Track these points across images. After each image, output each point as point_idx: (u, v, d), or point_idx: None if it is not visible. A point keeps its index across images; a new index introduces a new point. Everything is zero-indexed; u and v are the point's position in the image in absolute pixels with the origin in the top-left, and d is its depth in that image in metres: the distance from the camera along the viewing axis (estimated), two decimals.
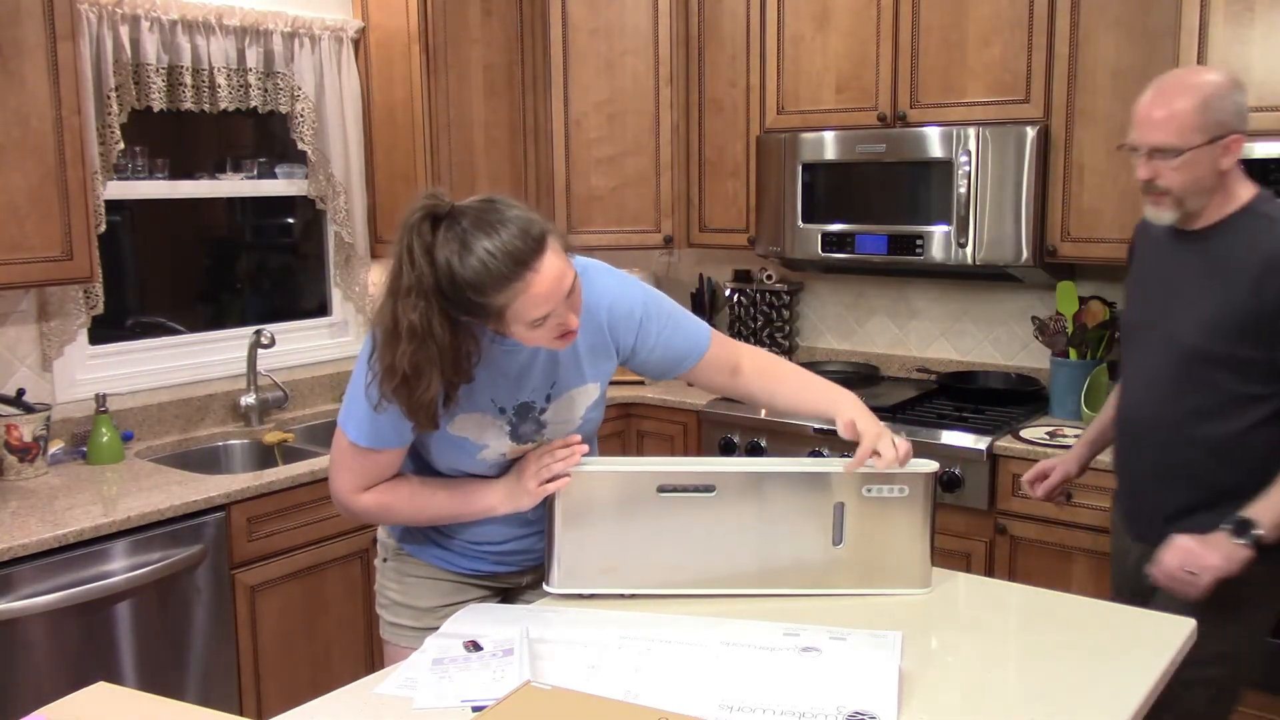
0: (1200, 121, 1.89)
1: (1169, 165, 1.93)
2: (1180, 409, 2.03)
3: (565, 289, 1.56)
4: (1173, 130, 1.90)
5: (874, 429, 1.78)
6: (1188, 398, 2.02)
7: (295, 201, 3.63)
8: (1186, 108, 1.90)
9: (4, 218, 2.53)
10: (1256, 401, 1.98)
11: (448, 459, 1.79)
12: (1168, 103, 1.92)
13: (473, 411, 1.72)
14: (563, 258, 1.57)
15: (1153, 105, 1.94)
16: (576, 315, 1.62)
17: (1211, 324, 1.96)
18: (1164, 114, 1.92)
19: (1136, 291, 2.18)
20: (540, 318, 1.56)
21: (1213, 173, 1.95)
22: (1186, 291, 2.02)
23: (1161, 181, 1.95)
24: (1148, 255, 2.16)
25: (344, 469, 1.76)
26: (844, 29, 3.45)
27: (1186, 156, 1.91)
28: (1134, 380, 2.15)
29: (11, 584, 2.30)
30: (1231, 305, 1.94)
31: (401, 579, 1.93)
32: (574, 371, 1.79)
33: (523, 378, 1.74)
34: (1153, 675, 1.56)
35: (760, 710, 1.43)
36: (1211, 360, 1.98)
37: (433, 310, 1.53)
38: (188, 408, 3.25)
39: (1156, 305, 2.08)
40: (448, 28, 3.51)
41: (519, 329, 1.58)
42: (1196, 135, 1.90)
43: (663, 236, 3.94)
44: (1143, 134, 1.95)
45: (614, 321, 1.79)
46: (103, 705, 1.36)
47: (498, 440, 1.77)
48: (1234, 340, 1.95)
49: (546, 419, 1.79)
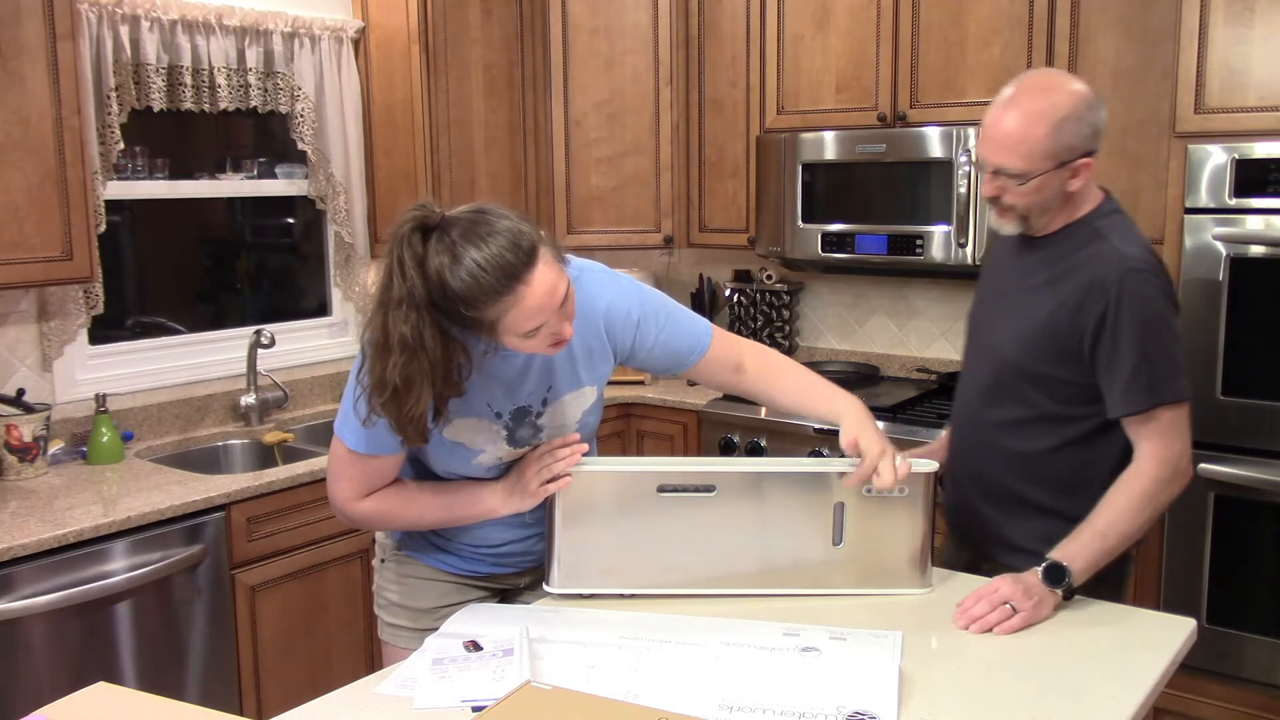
0: (1050, 148, 1.80)
1: (1014, 186, 1.85)
2: (992, 419, 1.98)
3: (557, 300, 1.55)
4: (1020, 155, 1.81)
5: (876, 448, 1.75)
6: (1001, 409, 1.97)
7: (295, 201, 3.63)
8: (1038, 134, 1.79)
9: (4, 218, 2.53)
10: (1068, 422, 1.92)
11: (444, 464, 1.79)
12: (1020, 125, 1.80)
13: (468, 417, 1.71)
14: (554, 268, 1.55)
15: (1004, 123, 1.82)
16: (570, 324, 1.61)
17: (1030, 339, 1.91)
18: (1014, 137, 1.81)
19: (979, 292, 2.12)
20: (532, 329, 1.55)
21: (1060, 194, 1.87)
22: (1014, 302, 1.96)
23: (1006, 199, 1.87)
24: (993, 260, 2.11)
25: (342, 477, 1.75)
26: (844, 29, 3.45)
27: (1033, 182, 1.83)
28: (962, 383, 2.09)
29: (11, 584, 2.30)
30: (1053, 323, 1.88)
31: (400, 580, 1.92)
32: (570, 375, 1.78)
33: (518, 382, 1.73)
34: (1153, 675, 1.56)
35: (760, 710, 1.43)
36: (1025, 376, 1.93)
37: (424, 322, 1.51)
38: (188, 408, 3.25)
39: (987, 311, 2.04)
40: (448, 28, 3.51)
41: (511, 339, 1.57)
42: (1045, 162, 1.81)
43: (663, 236, 3.94)
44: (990, 153, 1.85)
45: (610, 324, 1.78)
46: (103, 705, 1.36)
47: (494, 445, 1.76)
48: (1049, 359, 1.90)
49: (543, 423, 1.78)
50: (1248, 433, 2.64)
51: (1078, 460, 1.94)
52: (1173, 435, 1.85)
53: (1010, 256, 2.02)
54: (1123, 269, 1.83)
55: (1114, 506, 1.82)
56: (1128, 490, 1.83)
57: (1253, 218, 2.59)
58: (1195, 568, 2.72)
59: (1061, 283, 1.89)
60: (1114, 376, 1.84)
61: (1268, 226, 2.57)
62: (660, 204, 3.92)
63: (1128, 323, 1.82)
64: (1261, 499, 2.63)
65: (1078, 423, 1.92)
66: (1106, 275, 1.83)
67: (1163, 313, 1.85)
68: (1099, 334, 1.84)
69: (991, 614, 1.70)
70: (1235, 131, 2.60)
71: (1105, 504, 1.83)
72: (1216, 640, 2.71)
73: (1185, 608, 2.65)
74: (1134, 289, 1.82)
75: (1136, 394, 1.83)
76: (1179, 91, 2.66)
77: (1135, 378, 1.82)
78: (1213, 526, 2.69)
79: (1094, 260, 1.86)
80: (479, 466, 1.78)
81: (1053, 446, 1.94)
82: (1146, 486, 1.82)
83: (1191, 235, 2.66)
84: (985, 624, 1.70)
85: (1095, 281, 1.84)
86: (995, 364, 1.98)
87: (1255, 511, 2.65)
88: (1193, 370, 2.67)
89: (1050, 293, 1.90)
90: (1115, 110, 3.00)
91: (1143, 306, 1.82)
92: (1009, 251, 2.02)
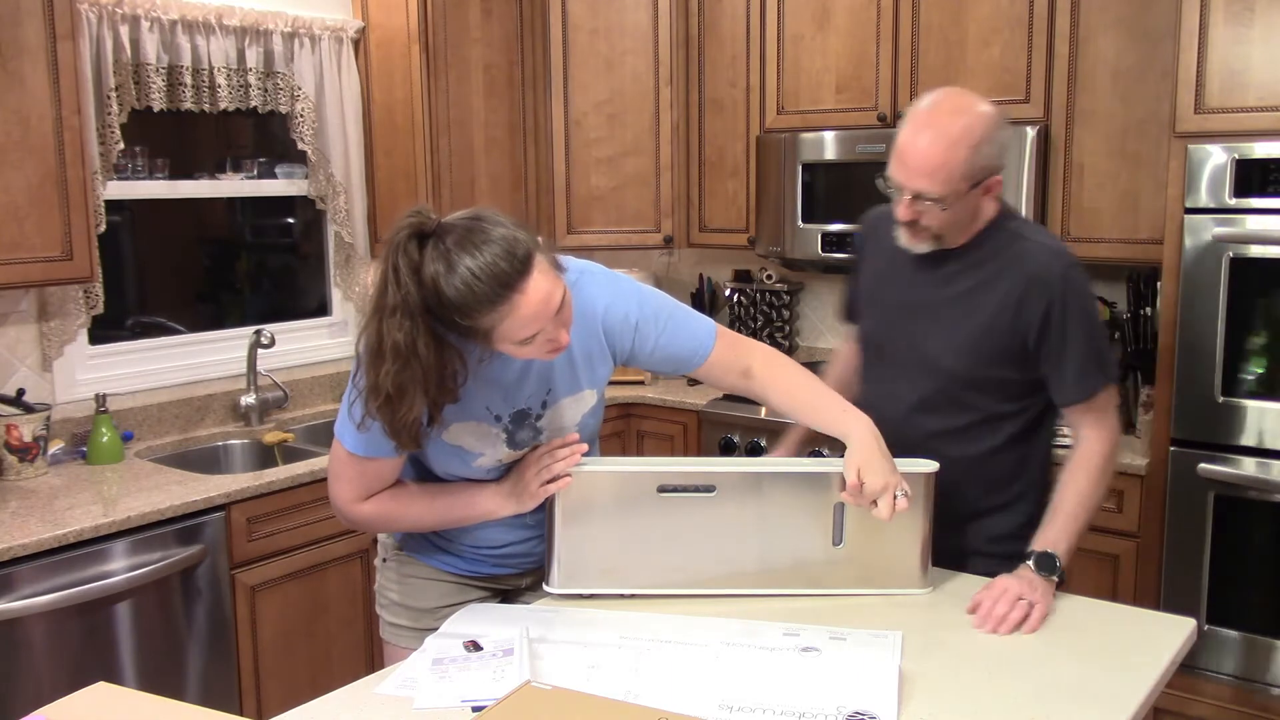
0: (967, 170, 1.81)
1: (935, 210, 1.85)
2: (927, 430, 1.97)
3: (553, 308, 1.54)
4: (940, 180, 1.81)
5: (878, 483, 1.72)
6: (939, 419, 1.98)
7: (295, 201, 3.63)
8: (958, 158, 1.80)
9: (4, 218, 2.53)
10: (1007, 419, 1.97)
11: (444, 466, 1.79)
12: (940, 150, 1.80)
13: (467, 420, 1.70)
14: (550, 276, 1.54)
15: (923, 148, 1.81)
16: (567, 331, 1.60)
17: (971, 346, 1.93)
18: (935, 162, 1.80)
19: (876, 310, 2.09)
20: (528, 337, 1.54)
21: (972, 212, 1.89)
22: (938, 314, 1.97)
23: (924, 222, 1.87)
24: (885, 270, 2.06)
25: (342, 479, 1.74)
26: (844, 29, 3.45)
27: (952, 204, 1.85)
28: (878, 398, 2.04)
29: (11, 584, 2.30)
30: (995, 325, 1.90)
31: (401, 580, 1.92)
32: (569, 379, 1.77)
33: (517, 386, 1.72)
34: (1153, 675, 1.57)
35: (760, 710, 1.43)
36: (969, 383, 1.95)
37: (418, 329, 1.50)
38: (188, 408, 3.25)
39: (903, 326, 2.02)
40: (448, 28, 3.51)
41: (507, 347, 1.56)
42: (964, 184, 1.82)
43: (663, 236, 3.94)
44: (908, 178, 1.84)
45: (609, 327, 1.76)
46: (103, 705, 1.36)
47: (494, 448, 1.76)
48: (994, 361, 1.92)
49: (543, 425, 1.78)
50: (1247, 433, 2.64)
51: (1015, 455, 2.01)
52: (1112, 411, 1.96)
53: (912, 272, 1.99)
54: (1062, 264, 1.90)
55: (1078, 487, 1.90)
56: (1086, 469, 1.92)
57: (1253, 218, 2.59)
58: (1195, 568, 2.72)
59: (994, 286, 1.91)
60: (1064, 367, 1.91)
61: (1267, 227, 2.57)
62: (660, 204, 3.92)
63: (1074, 314, 1.89)
64: (1261, 499, 2.63)
65: (1015, 419, 1.99)
66: (1046, 271, 1.89)
67: (1095, 302, 1.97)
68: (1045, 328, 1.89)
69: (1014, 611, 1.73)
70: (1235, 131, 2.60)
71: (1068, 487, 1.91)
72: (1216, 640, 2.71)
73: (1185, 608, 2.65)
74: (1074, 282, 1.90)
75: (1090, 380, 1.92)
76: (1179, 91, 2.66)
77: (1086, 365, 1.91)
78: (1212, 526, 2.69)
79: (1024, 259, 1.91)
80: (479, 469, 1.78)
81: (994, 446, 1.99)
82: (1101, 463, 1.93)
83: (1191, 235, 2.66)
84: (1012, 622, 1.72)
85: (1035, 278, 1.89)
86: (931, 376, 1.98)
87: (1255, 511, 2.65)
88: (1193, 370, 2.69)
89: (983, 297, 1.92)
90: (1115, 110, 3.01)
91: (1083, 298, 1.92)
92: (907, 267, 2.00)
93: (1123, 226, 3.03)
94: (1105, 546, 2.86)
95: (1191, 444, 2.71)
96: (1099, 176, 3.06)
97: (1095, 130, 3.04)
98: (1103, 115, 3.02)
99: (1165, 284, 2.73)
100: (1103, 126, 3.03)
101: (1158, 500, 2.77)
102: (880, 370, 2.08)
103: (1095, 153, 3.05)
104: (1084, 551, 2.87)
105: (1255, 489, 2.63)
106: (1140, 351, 3.10)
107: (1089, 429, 1.94)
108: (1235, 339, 2.64)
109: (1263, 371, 2.64)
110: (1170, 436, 2.74)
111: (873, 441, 1.76)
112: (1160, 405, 2.77)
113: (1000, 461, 2.00)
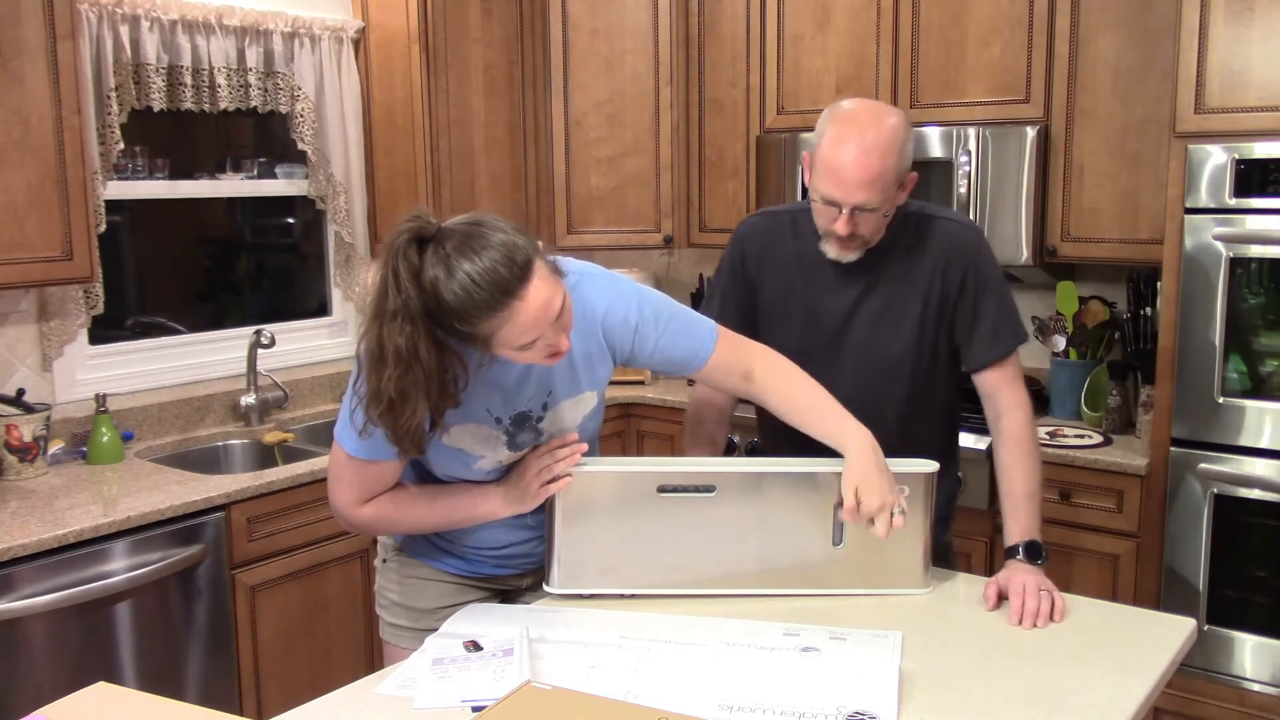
0: (897, 175, 1.87)
1: (868, 219, 1.89)
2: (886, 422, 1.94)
3: (553, 314, 1.53)
4: (878, 190, 1.85)
5: (875, 503, 1.72)
6: (894, 409, 2.01)
7: (295, 201, 3.63)
8: (889, 166, 1.84)
9: (4, 218, 2.53)
10: (933, 392, 2.05)
11: (444, 468, 1.78)
12: (874, 161, 1.83)
13: (468, 422, 1.70)
14: (550, 282, 1.54)
15: (857, 164, 1.83)
16: (567, 336, 1.59)
17: (918, 334, 2.00)
18: (872, 173, 1.83)
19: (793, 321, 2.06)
20: (528, 343, 1.54)
21: (894, 210, 1.95)
22: (876, 314, 2.00)
23: (859, 231, 1.90)
24: (795, 278, 2.05)
25: (342, 482, 1.74)
26: (844, 29, 3.45)
27: (887, 210, 1.91)
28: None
29: (11, 584, 2.30)
30: (930, 305, 1.99)
31: (402, 580, 1.92)
32: (570, 381, 1.76)
33: (517, 390, 1.72)
34: (1153, 675, 1.57)
35: (760, 710, 1.43)
36: (927, 369, 2.02)
37: (419, 334, 1.49)
38: (188, 408, 3.25)
39: (838, 328, 2.03)
40: (448, 28, 3.51)
41: (507, 352, 1.56)
42: (893, 188, 1.89)
43: (663, 236, 3.94)
44: (847, 194, 1.85)
45: (609, 329, 1.76)
46: (103, 705, 1.36)
47: (494, 450, 1.75)
48: (940, 338, 2.02)
49: (544, 427, 1.77)
50: (1247, 433, 2.64)
51: (945, 425, 2.12)
52: (1021, 375, 2.03)
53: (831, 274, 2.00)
54: (971, 234, 2.03)
55: (1025, 467, 1.94)
56: (1023, 447, 1.96)
57: (1253, 218, 2.59)
58: (1195, 568, 2.72)
59: (918, 270, 2.00)
60: (979, 329, 2.00)
61: (1267, 227, 2.57)
62: (660, 204, 3.92)
63: (989, 279, 2.00)
64: (1261, 499, 2.63)
65: (942, 391, 2.07)
66: (958, 242, 1.99)
67: (1002, 271, 2.06)
68: (961, 294, 1.99)
69: (1044, 603, 1.76)
70: (1235, 131, 2.60)
71: (1016, 469, 1.94)
72: (1216, 640, 2.71)
73: (1185, 608, 2.66)
74: (986, 251, 2.03)
75: (1003, 341, 1.99)
76: (1179, 91, 2.66)
77: (999, 326, 1.99)
78: (1212, 526, 2.69)
79: (937, 237, 2.00)
80: (479, 470, 1.78)
81: (935, 422, 2.09)
82: (1031, 432, 1.98)
83: (1191, 235, 2.66)
84: (1045, 613, 1.76)
85: (949, 250, 1.98)
86: (887, 374, 2.02)
87: (1255, 511, 2.65)
88: (1193, 370, 2.68)
89: (913, 284, 2.00)
90: (1115, 110, 3.01)
91: (994, 266, 2.02)
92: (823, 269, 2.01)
93: (1123, 226, 3.03)
94: (1105, 546, 2.86)
95: (1191, 444, 2.71)
96: (1099, 176, 3.06)
97: (1095, 130, 3.04)
98: (1103, 115, 3.02)
99: (1165, 284, 2.73)
100: (1103, 126, 3.03)
101: (1158, 500, 2.77)
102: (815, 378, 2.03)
103: (1095, 153, 3.05)
104: (1084, 551, 2.88)
105: (1255, 489, 2.63)
106: (1140, 351, 3.10)
107: (1008, 398, 1.98)
108: (1235, 339, 2.64)
109: (1263, 371, 2.64)
110: (1170, 436, 2.74)
111: (870, 455, 1.76)
112: (1160, 405, 2.77)
113: (938, 435, 2.10)
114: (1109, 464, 2.83)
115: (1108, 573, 2.86)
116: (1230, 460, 2.66)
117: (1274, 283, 2.61)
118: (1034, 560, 1.85)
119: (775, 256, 2.06)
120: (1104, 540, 2.86)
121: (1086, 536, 2.88)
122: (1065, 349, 3.24)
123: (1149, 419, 2.87)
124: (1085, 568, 2.87)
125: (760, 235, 2.09)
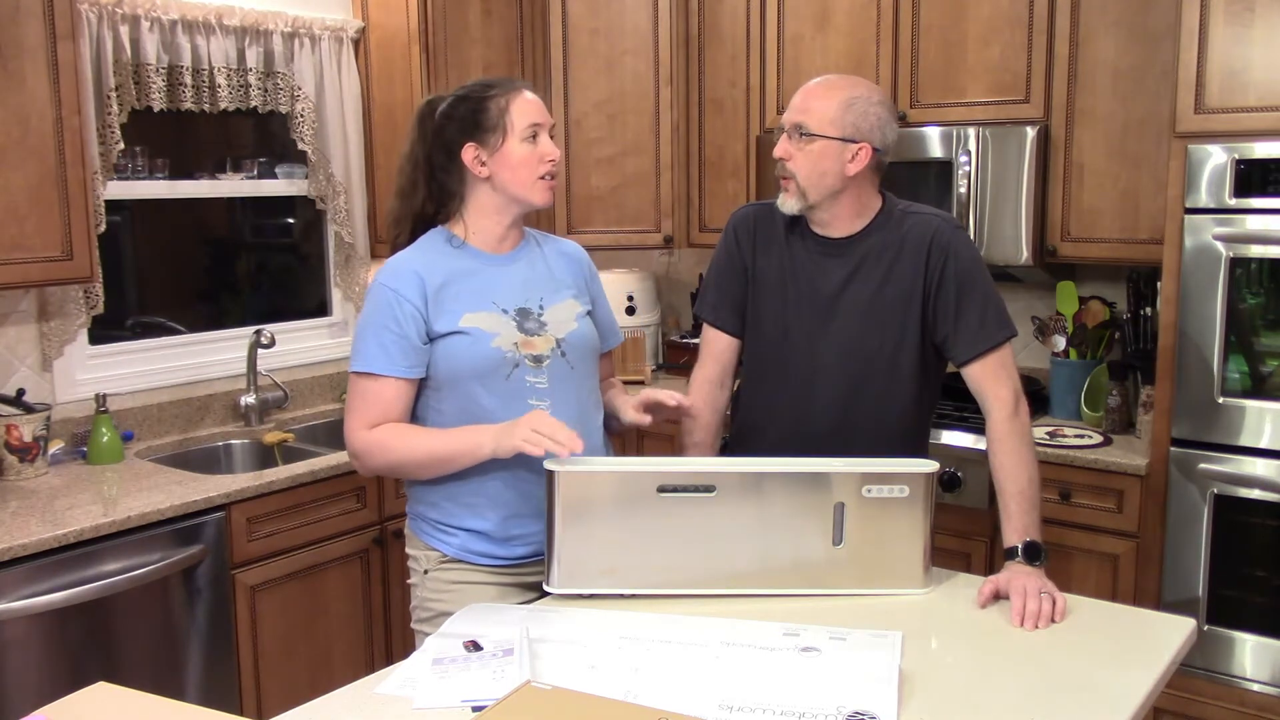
0: (837, 116, 1.96)
1: (799, 147, 1.98)
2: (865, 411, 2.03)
3: (549, 116, 1.94)
4: (812, 115, 1.97)
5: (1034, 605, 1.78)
6: (871, 398, 2.04)
7: (295, 201, 3.63)
8: (830, 102, 1.97)
9: (4, 218, 2.53)
10: (912, 381, 2.06)
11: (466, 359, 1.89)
12: (820, 91, 2.00)
13: (478, 310, 1.91)
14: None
15: (805, 90, 2.02)
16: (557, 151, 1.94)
17: (900, 326, 2.02)
18: (813, 99, 1.99)
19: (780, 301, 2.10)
20: (532, 130, 1.89)
21: (838, 173, 1.98)
22: (856, 309, 2.04)
23: (790, 164, 2.00)
24: (785, 263, 2.11)
25: (352, 409, 1.91)
26: (844, 29, 3.45)
27: (817, 144, 1.97)
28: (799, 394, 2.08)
29: (11, 584, 2.30)
30: (908, 298, 2.02)
31: (450, 586, 1.94)
32: (553, 288, 2.01)
33: (514, 289, 1.96)
34: (1153, 675, 1.57)
35: (760, 710, 1.43)
36: (910, 359, 2.04)
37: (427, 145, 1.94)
38: (188, 408, 3.25)
39: (815, 320, 2.06)
40: (448, 28, 3.51)
41: (514, 143, 1.89)
42: (830, 128, 1.96)
43: (663, 236, 3.94)
44: (789, 115, 2.01)
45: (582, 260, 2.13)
46: (103, 705, 1.36)
47: (506, 329, 1.91)
48: (920, 330, 2.03)
49: (546, 319, 1.96)
50: (1247, 433, 2.64)
51: (917, 410, 2.11)
52: (1014, 369, 2.02)
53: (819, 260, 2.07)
54: (949, 226, 2.04)
55: (1023, 465, 1.94)
56: (1008, 444, 1.95)
57: (1253, 218, 2.59)
58: (1194, 568, 2.72)
59: (898, 263, 2.03)
60: (964, 319, 2.00)
61: (1267, 226, 2.57)
62: (660, 204, 3.92)
63: (969, 268, 2.01)
64: (1261, 499, 2.63)
65: (915, 375, 2.07)
66: (935, 234, 2.01)
67: (984, 264, 2.07)
68: (941, 284, 2.01)
69: (1045, 605, 1.76)
70: (1235, 132, 2.60)
71: (1015, 467, 1.94)
72: (1216, 640, 2.71)
73: (1185, 608, 2.66)
74: (966, 242, 2.05)
75: (990, 330, 2.00)
76: (1179, 92, 2.66)
77: (985, 316, 2.00)
78: (1212, 526, 2.69)
79: (915, 229, 2.03)
80: (496, 351, 1.89)
81: (911, 408, 2.09)
82: (1026, 430, 1.98)
83: (1191, 235, 2.66)
84: (1046, 615, 1.75)
85: (925, 241, 2.01)
86: (866, 366, 2.04)
87: (1255, 511, 2.65)
88: (1193, 370, 2.68)
89: (894, 277, 2.03)
90: (1115, 110, 3.01)
91: (976, 258, 2.05)
92: (813, 255, 2.07)
93: (1123, 226, 3.03)
94: (1105, 546, 2.86)
95: (1191, 444, 2.71)
96: (1099, 176, 3.06)
97: (1095, 130, 3.04)
98: (1103, 115, 3.02)
99: (1165, 284, 2.73)
100: (1103, 126, 3.03)
101: (1158, 500, 2.77)
102: (793, 370, 2.09)
103: (1095, 153, 3.05)
104: (1084, 551, 2.88)
105: (1255, 489, 2.63)
106: (1140, 351, 3.10)
107: (993, 395, 1.98)
108: (1235, 339, 2.64)
109: (1263, 371, 2.64)
110: (1170, 436, 2.74)
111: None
112: (1160, 405, 2.77)
113: (912, 422, 2.11)
114: (1109, 464, 2.83)
115: (1107, 573, 2.86)
116: (1230, 460, 2.66)
117: (1274, 283, 2.61)
118: (1033, 561, 1.85)
119: (766, 234, 2.14)
120: (1104, 540, 2.86)
121: (1086, 536, 2.88)
122: (1065, 349, 3.24)
123: (1149, 419, 2.87)
124: (1085, 568, 2.87)
125: (751, 218, 2.18)
